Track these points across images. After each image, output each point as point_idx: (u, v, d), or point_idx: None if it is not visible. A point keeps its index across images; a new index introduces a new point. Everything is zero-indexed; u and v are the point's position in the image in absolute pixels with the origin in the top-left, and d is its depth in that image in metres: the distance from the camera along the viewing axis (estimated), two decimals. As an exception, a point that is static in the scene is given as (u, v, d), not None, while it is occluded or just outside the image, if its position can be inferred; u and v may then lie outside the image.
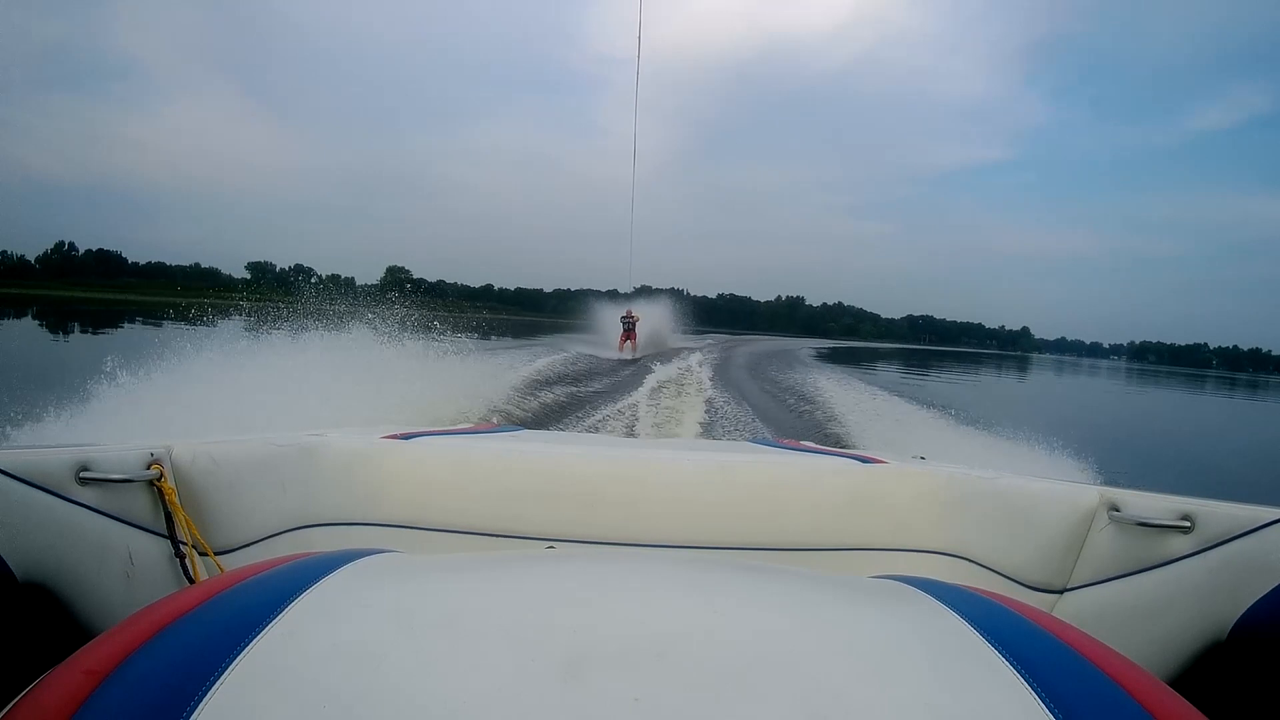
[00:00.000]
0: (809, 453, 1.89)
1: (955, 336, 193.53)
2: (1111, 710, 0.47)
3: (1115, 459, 5.50)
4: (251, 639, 0.48)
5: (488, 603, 0.57)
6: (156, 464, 0.98)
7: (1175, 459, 9.30)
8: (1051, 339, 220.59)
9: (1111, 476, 4.69)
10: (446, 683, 0.45)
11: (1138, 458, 8.84)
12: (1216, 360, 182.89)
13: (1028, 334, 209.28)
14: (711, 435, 6.67)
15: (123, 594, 0.87)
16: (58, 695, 0.43)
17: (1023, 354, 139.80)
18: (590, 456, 1.44)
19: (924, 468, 1.48)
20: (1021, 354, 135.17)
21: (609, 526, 1.30)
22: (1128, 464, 5.64)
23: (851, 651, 0.52)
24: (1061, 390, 27.39)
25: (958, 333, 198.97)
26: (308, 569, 0.61)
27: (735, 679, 0.46)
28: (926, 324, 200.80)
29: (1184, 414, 21.23)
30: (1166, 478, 6.91)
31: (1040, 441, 5.58)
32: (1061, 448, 5.45)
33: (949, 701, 0.46)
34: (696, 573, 0.68)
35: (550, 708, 0.42)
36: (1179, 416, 20.34)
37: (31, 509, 0.79)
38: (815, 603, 0.63)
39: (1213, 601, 0.86)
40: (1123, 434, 12.19)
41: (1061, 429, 5.98)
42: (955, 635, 0.55)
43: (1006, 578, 1.18)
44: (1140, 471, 6.84)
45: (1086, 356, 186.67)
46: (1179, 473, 7.58)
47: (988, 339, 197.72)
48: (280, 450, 1.24)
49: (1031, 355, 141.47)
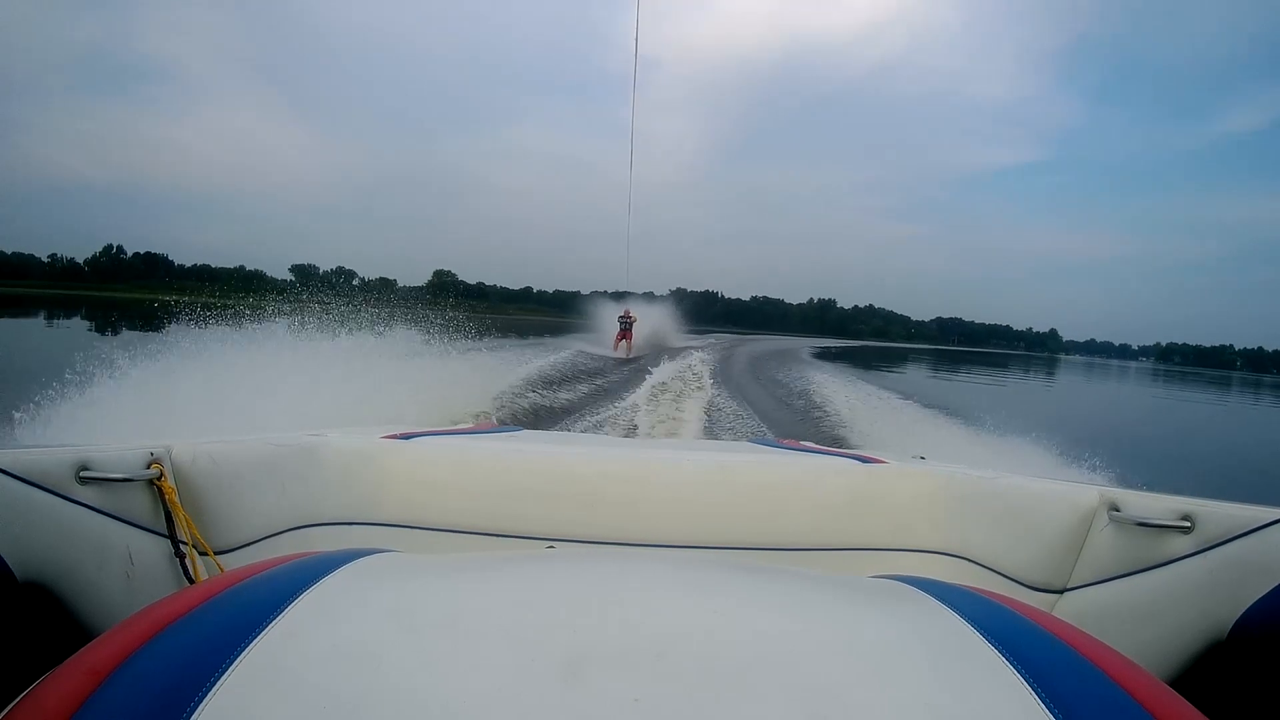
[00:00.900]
0: (809, 453, 1.88)
1: (983, 338, 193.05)
2: (1111, 710, 0.47)
3: (1130, 464, 5.39)
4: (251, 639, 0.48)
5: (488, 603, 0.57)
6: (156, 463, 0.98)
7: (1183, 459, 9.23)
8: (1081, 340, 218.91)
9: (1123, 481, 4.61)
10: (447, 683, 0.45)
11: (1148, 462, 8.84)
12: (1241, 361, 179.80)
13: (1055, 336, 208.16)
14: (706, 431, 6.68)
15: (123, 594, 0.87)
16: (58, 695, 0.43)
17: (1050, 355, 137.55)
18: (590, 456, 1.45)
19: (924, 468, 1.47)
20: (1049, 356, 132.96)
21: (609, 526, 1.30)
22: (1139, 468, 5.54)
23: (851, 651, 0.52)
24: (1076, 393, 27.00)
25: (986, 334, 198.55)
26: (308, 569, 0.61)
27: (735, 679, 0.46)
28: (955, 326, 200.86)
29: (1202, 416, 20.86)
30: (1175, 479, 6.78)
31: (1053, 444, 5.54)
32: (1070, 452, 5.40)
33: (949, 701, 0.46)
34: (696, 573, 0.68)
35: (550, 708, 0.42)
36: (1196, 418, 20.02)
37: (31, 509, 0.79)
38: (815, 603, 0.63)
39: (1213, 601, 0.86)
40: (1139, 438, 12.03)
41: (1074, 430, 5.94)
42: (955, 635, 0.55)
43: (1007, 578, 1.18)
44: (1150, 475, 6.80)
45: (1115, 358, 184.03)
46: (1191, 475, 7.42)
47: (1015, 341, 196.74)
48: (280, 450, 1.24)
49: (1059, 357, 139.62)
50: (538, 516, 1.31)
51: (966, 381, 24.06)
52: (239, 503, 1.12)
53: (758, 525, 1.34)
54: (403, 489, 1.33)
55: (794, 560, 1.31)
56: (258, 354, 5.61)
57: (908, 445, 3.63)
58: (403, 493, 1.33)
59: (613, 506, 1.32)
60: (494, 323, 10.51)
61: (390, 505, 1.32)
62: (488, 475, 1.36)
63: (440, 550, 1.28)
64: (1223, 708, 0.74)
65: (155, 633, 0.50)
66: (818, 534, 1.34)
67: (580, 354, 13.08)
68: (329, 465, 1.31)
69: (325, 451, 1.32)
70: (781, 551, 1.32)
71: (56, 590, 0.79)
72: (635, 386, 8.96)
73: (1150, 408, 22.09)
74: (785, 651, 0.51)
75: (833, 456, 1.63)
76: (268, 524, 1.17)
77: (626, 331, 16.46)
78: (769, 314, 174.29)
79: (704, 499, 1.35)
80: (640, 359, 13.77)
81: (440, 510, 1.32)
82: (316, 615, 0.52)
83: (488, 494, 1.33)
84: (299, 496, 1.25)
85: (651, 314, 21.44)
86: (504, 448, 1.49)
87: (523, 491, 1.34)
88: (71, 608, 0.81)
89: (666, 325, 22.50)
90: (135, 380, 4.57)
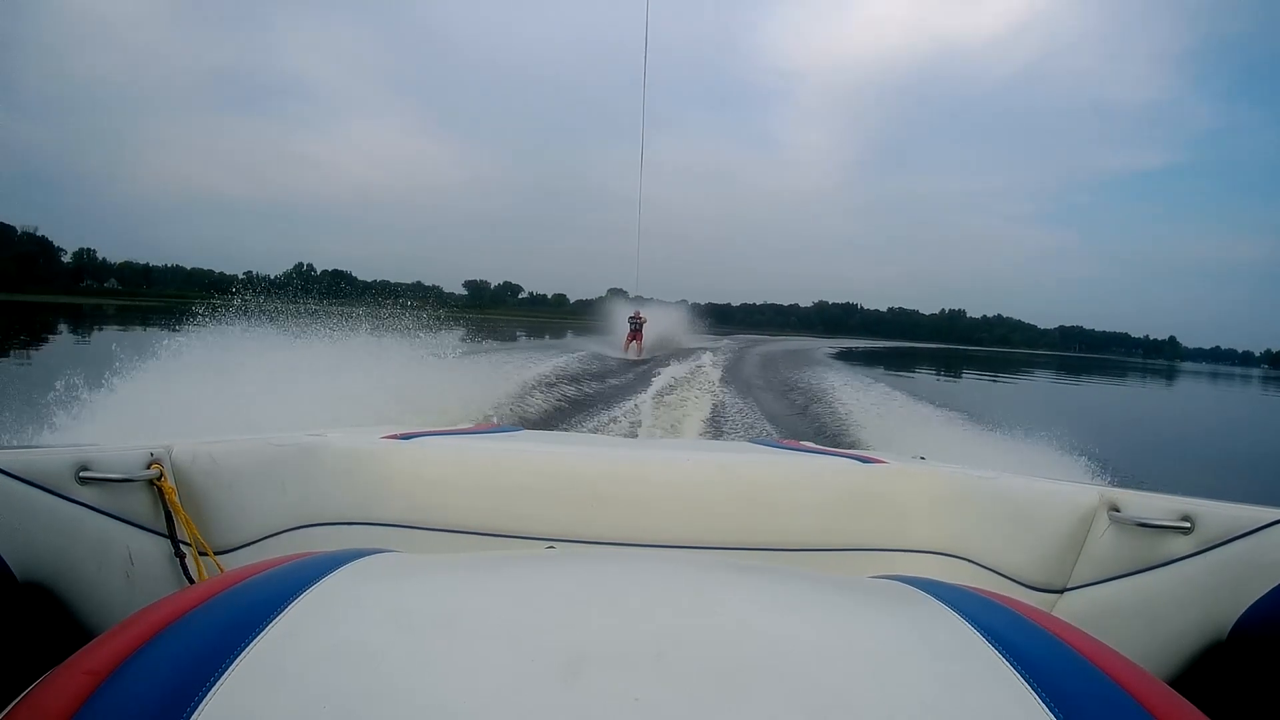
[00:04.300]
0: (809, 453, 1.87)
1: (1103, 346, 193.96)
2: (1111, 710, 0.46)
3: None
4: (251, 639, 0.48)
5: (487, 603, 0.57)
6: (156, 464, 0.99)
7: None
8: (1206, 347, 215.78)
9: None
10: (446, 683, 0.45)
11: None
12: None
13: (1174, 343, 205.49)
14: (711, 430, 6.66)
15: (123, 594, 0.88)
16: (58, 696, 0.44)
17: (1168, 364, 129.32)
18: (590, 456, 1.44)
19: (924, 468, 1.47)
20: (1167, 364, 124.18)
21: (609, 526, 1.30)
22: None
23: (851, 651, 0.52)
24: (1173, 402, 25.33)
25: (1105, 342, 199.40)
26: (308, 569, 0.61)
27: (735, 679, 0.46)
28: (1077, 334, 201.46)
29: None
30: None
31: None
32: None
33: (949, 701, 0.46)
34: (696, 573, 0.68)
35: (550, 708, 0.42)
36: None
37: (31, 509, 0.80)
38: (815, 603, 0.63)
39: (1213, 601, 0.86)
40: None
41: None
42: (955, 635, 0.55)
43: (1007, 578, 1.18)
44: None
45: (1238, 365, 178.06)
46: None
47: (1133, 348, 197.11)
48: (280, 450, 1.25)
49: (1177, 364, 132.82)
50: (538, 516, 1.31)
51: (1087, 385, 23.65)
52: (239, 503, 1.13)
53: (758, 525, 1.33)
54: (403, 489, 1.33)
55: (794, 560, 1.30)
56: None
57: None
58: (403, 493, 1.33)
59: (613, 506, 1.32)
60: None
61: (390, 505, 1.32)
62: (488, 475, 1.36)
63: (440, 550, 1.28)
64: (1223, 708, 0.74)
65: (155, 633, 0.50)
66: (818, 534, 1.34)
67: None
68: (329, 465, 1.31)
69: (325, 451, 1.32)
70: (781, 551, 1.31)
71: (56, 590, 0.80)
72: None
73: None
74: (785, 651, 0.50)
75: (833, 456, 1.62)
76: (268, 524, 1.18)
77: (637, 333, 16.42)
78: (903, 324, 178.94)
79: (704, 499, 1.34)
80: (649, 361, 13.92)
81: (440, 510, 1.32)
82: (316, 615, 0.52)
83: (488, 494, 1.33)
84: (299, 496, 1.25)
85: (662, 316, 21.56)
86: (504, 448, 1.49)
87: (523, 491, 1.33)
88: (71, 608, 0.82)
89: (678, 327, 22.62)
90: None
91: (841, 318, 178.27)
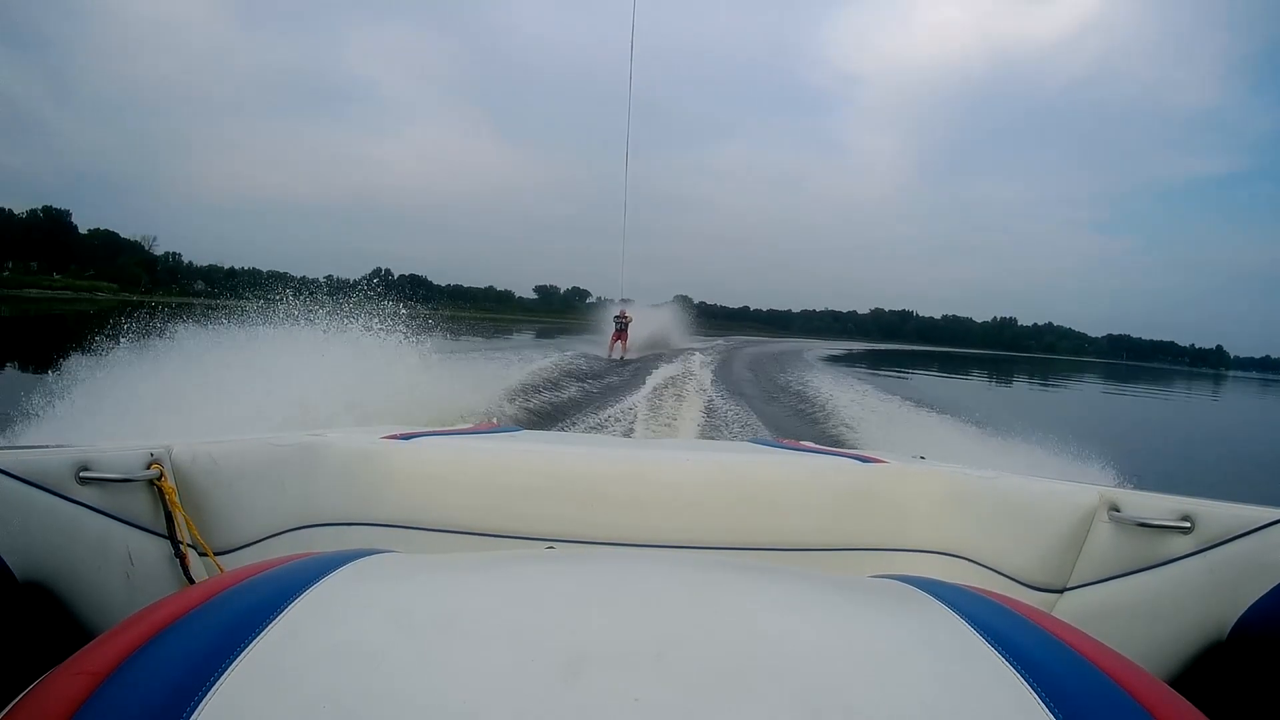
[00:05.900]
0: (809, 452, 1.88)
1: (1150, 354, 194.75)
2: (1111, 710, 0.46)
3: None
4: (251, 639, 0.48)
5: (488, 603, 0.57)
6: (156, 464, 0.99)
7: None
8: (1257, 356, 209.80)
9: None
10: (447, 683, 0.45)
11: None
12: None
13: (1221, 352, 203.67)
14: (709, 432, 6.67)
15: (123, 594, 0.87)
16: (57, 696, 0.44)
17: (1215, 372, 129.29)
18: (590, 456, 1.44)
19: (924, 467, 1.47)
20: (1214, 373, 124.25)
21: (609, 526, 1.30)
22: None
23: (851, 651, 0.52)
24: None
25: (1152, 350, 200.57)
26: (308, 569, 0.61)
27: (735, 679, 0.46)
28: (1124, 342, 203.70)
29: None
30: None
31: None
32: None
33: (949, 701, 0.46)
34: (696, 573, 0.68)
35: (550, 708, 0.42)
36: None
37: (31, 509, 0.79)
38: (815, 603, 0.63)
39: (1213, 601, 0.86)
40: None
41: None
42: (955, 635, 0.55)
43: (1007, 577, 1.18)
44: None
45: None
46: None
47: (1180, 357, 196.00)
48: (280, 450, 1.25)
49: (1224, 373, 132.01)
50: (538, 516, 1.31)
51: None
52: (239, 503, 1.13)
53: (758, 525, 1.33)
54: (403, 489, 1.33)
55: (794, 560, 1.30)
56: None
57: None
58: (403, 493, 1.33)
59: (612, 506, 1.32)
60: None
61: (390, 505, 1.32)
62: (488, 475, 1.36)
63: (440, 550, 1.28)
64: (1223, 708, 0.74)
65: (155, 633, 0.50)
66: (818, 534, 1.34)
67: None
68: (329, 465, 1.31)
69: (325, 451, 1.32)
70: (781, 551, 1.31)
71: (56, 590, 0.80)
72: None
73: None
74: (785, 651, 0.50)
75: (833, 456, 1.62)
76: (268, 524, 1.18)
77: (621, 333, 16.14)
78: (955, 331, 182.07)
79: (704, 499, 1.34)
80: (634, 361, 13.87)
81: (440, 510, 1.32)
82: (316, 615, 0.52)
83: (488, 494, 1.33)
84: (299, 497, 1.25)
85: (652, 317, 21.34)
86: (504, 448, 1.49)
87: (523, 491, 1.33)
88: (71, 608, 0.81)
89: (669, 328, 22.39)
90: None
91: (897, 325, 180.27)
